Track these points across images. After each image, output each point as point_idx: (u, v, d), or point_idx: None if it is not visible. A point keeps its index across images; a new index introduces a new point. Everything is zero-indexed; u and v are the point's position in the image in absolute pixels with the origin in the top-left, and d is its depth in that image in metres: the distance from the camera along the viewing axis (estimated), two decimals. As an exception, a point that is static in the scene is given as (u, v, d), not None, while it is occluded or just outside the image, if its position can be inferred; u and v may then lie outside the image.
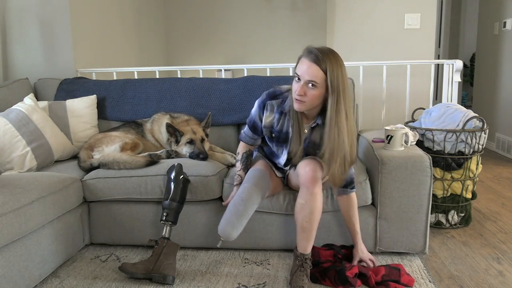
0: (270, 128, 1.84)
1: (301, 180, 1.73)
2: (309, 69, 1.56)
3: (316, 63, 1.55)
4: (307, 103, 1.63)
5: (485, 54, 4.70)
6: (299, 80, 1.61)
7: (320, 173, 1.72)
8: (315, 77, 1.56)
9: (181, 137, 2.26)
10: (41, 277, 1.82)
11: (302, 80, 1.59)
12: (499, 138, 4.29)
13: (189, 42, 5.04)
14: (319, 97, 1.61)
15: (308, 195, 1.71)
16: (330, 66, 1.55)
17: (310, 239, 1.75)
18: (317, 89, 1.59)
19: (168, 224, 1.90)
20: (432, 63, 3.05)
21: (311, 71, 1.56)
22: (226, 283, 1.82)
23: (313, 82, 1.57)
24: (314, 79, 1.57)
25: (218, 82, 2.62)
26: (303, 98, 1.61)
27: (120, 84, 2.72)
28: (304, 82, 1.59)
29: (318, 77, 1.56)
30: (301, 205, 1.74)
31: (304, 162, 1.74)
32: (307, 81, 1.58)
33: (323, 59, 1.55)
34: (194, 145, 2.24)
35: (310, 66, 1.56)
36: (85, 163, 2.20)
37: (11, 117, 2.18)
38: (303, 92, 1.59)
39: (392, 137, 2.02)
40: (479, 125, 2.27)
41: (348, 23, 3.68)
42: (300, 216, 1.75)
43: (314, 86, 1.58)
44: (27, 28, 2.97)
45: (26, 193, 1.73)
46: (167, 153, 2.25)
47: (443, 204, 2.34)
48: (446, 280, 1.83)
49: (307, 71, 1.57)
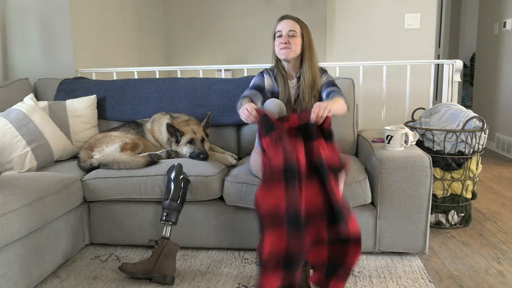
0: (271, 91, 2.09)
1: None
2: (288, 23, 2.00)
3: (292, 20, 2.02)
4: (292, 49, 1.98)
5: (485, 54, 4.70)
6: (280, 36, 2.00)
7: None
8: (294, 27, 1.99)
9: (182, 137, 2.26)
10: (41, 277, 1.82)
11: (284, 32, 1.99)
12: (499, 138, 4.29)
13: (189, 42, 5.04)
14: (299, 44, 2.00)
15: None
16: (301, 22, 2.03)
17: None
18: (296, 38, 1.99)
19: (168, 224, 1.90)
20: (432, 63, 3.05)
21: (291, 24, 2.00)
22: (226, 283, 1.82)
23: (293, 32, 1.98)
24: (293, 29, 1.99)
25: (218, 82, 2.62)
26: (289, 45, 1.98)
27: (120, 84, 2.72)
28: (286, 33, 1.98)
29: (296, 28, 2.00)
30: None
31: None
32: (288, 31, 1.98)
33: (296, 18, 2.03)
34: (195, 145, 2.24)
35: (288, 21, 2.01)
36: (85, 163, 2.20)
37: (11, 117, 2.18)
38: (287, 40, 1.98)
39: (392, 137, 2.02)
40: (479, 125, 2.27)
41: (348, 23, 3.68)
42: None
43: (294, 36, 1.99)
44: (27, 28, 2.97)
45: (26, 193, 1.73)
46: (167, 153, 2.26)
47: (443, 204, 2.34)
48: (446, 280, 1.83)
49: (287, 25, 1.99)
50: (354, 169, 2.03)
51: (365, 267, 1.93)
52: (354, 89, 2.48)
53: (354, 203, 1.96)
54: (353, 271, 1.89)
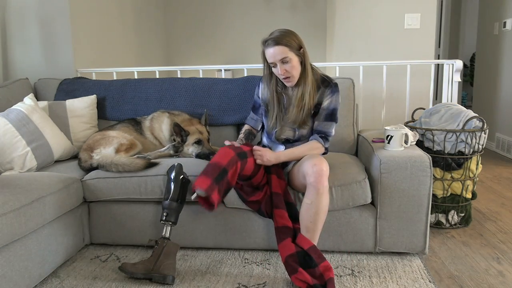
0: (266, 101, 2.02)
1: (309, 179, 1.73)
2: (275, 51, 1.80)
3: (276, 45, 1.80)
4: (293, 75, 1.86)
5: (485, 54, 4.70)
6: (274, 66, 1.85)
7: (327, 172, 1.74)
8: (283, 53, 1.80)
9: (187, 137, 2.26)
10: (41, 277, 1.82)
11: (277, 62, 1.82)
12: (499, 138, 4.29)
13: (189, 42, 5.04)
14: (297, 65, 1.85)
15: (315, 195, 1.72)
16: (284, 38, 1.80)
17: (313, 240, 1.75)
18: (291, 61, 1.82)
19: (168, 224, 1.90)
20: (432, 63, 3.05)
21: (278, 51, 1.80)
22: (226, 283, 1.82)
23: (285, 58, 1.80)
24: (284, 55, 1.80)
25: (218, 82, 2.62)
26: (288, 74, 1.85)
27: (120, 84, 2.72)
28: (279, 63, 1.82)
29: (286, 52, 1.80)
30: (307, 205, 1.75)
31: (311, 162, 1.75)
32: (280, 60, 1.81)
33: (277, 38, 1.80)
34: (202, 145, 2.24)
35: (275, 49, 1.80)
36: (86, 163, 2.20)
37: (11, 117, 2.18)
38: (284, 70, 1.83)
39: (392, 137, 2.02)
40: (479, 125, 2.27)
41: (348, 23, 3.68)
42: (305, 216, 1.75)
43: (287, 62, 1.82)
44: (27, 28, 2.97)
45: (26, 193, 1.73)
46: (174, 147, 2.25)
47: (443, 204, 2.34)
48: (446, 280, 1.83)
49: (274, 54, 1.81)
50: (353, 169, 2.03)
51: (365, 267, 1.93)
52: (354, 89, 2.48)
53: (354, 204, 1.96)
54: (354, 271, 1.89)
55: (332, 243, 2.02)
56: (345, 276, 1.85)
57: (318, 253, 1.70)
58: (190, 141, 2.26)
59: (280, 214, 1.82)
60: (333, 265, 1.94)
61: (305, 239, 1.73)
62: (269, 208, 1.90)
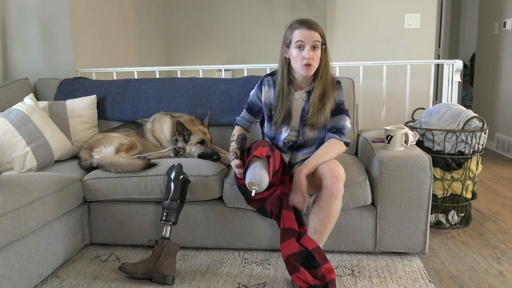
0: (269, 105, 1.94)
1: (325, 182, 1.71)
2: (311, 34, 1.76)
3: (313, 29, 1.77)
4: (314, 64, 1.79)
5: (485, 54, 4.70)
6: (301, 48, 1.76)
7: (344, 178, 1.72)
8: (317, 38, 1.76)
9: (190, 136, 2.26)
10: (41, 277, 1.82)
11: (307, 44, 1.75)
12: (499, 138, 4.29)
13: (189, 42, 5.04)
14: (319, 56, 1.80)
15: (330, 197, 1.70)
16: (320, 28, 1.80)
17: (320, 243, 1.75)
18: (318, 50, 1.78)
19: (168, 224, 1.90)
20: (432, 63, 3.05)
21: (313, 34, 1.76)
22: (226, 283, 1.82)
23: (316, 43, 1.76)
24: (317, 39, 1.76)
25: (218, 82, 2.62)
26: (312, 62, 1.77)
27: (120, 84, 2.72)
28: (309, 46, 1.75)
29: (318, 38, 1.77)
30: (319, 207, 1.74)
31: (330, 166, 1.73)
32: (312, 43, 1.75)
33: (316, 24, 1.80)
34: (206, 145, 2.25)
35: (310, 32, 1.76)
36: (86, 162, 2.20)
37: (11, 117, 2.18)
38: (312, 55, 1.76)
39: (392, 137, 2.02)
40: (479, 125, 2.27)
41: (348, 23, 3.68)
42: (315, 217, 1.75)
43: (316, 48, 1.77)
44: (27, 28, 2.97)
45: (26, 193, 1.73)
46: (175, 150, 2.25)
47: (443, 204, 2.34)
48: (446, 280, 1.83)
49: (310, 35, 1.75)
50: (354, 170, 2.03)
51: (365, 267, 1.93)
52: (354, 89, 2.48)
53: (354, 204, 1.96)
54: (354, 271, 1.89)
55: (332, 243, 2.02)
56: (345, 276, 1.85)
57: (322, 254, 1.69)
58: (193, 141, 2.26)
59: (288, 216, 1.79)
60: (333, 265, 1.94)
61: (310, 240, 1.72)
62: (275, 208, 1.85)
